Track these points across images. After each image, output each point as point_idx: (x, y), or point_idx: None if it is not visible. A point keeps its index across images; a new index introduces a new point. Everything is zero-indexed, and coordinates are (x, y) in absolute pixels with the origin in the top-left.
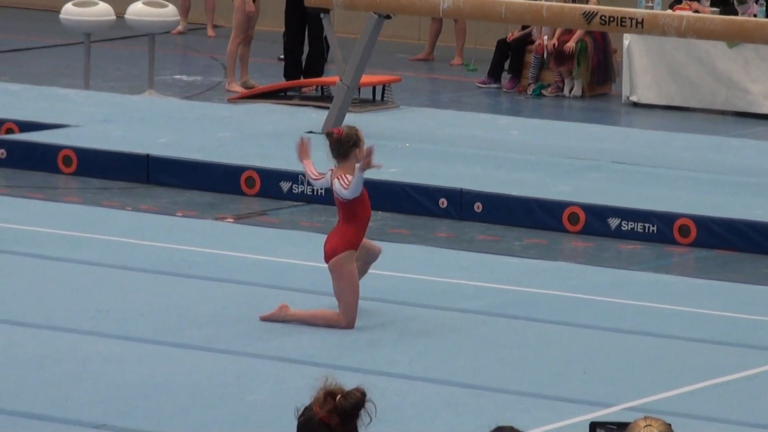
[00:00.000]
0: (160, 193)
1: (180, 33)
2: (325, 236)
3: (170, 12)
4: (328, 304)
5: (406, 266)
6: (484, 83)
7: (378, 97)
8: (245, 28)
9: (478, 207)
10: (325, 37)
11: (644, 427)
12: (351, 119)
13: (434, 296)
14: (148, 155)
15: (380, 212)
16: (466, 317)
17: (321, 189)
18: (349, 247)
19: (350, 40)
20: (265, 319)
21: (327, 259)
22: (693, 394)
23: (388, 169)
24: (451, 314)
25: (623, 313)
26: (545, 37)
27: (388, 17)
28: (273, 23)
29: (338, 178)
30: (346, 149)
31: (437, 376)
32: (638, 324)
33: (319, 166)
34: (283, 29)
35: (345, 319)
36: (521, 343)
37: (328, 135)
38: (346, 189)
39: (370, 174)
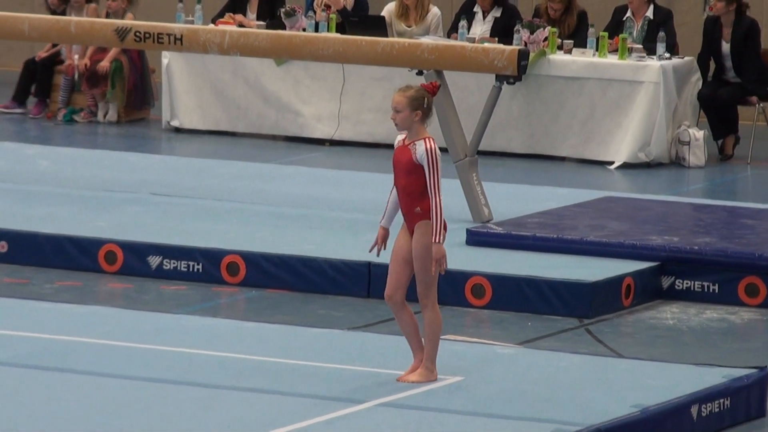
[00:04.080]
0: None
1: None
2: None
3: None
4: None
5: None
6: (8, 108)
7: None
8: None
9: (2, 247)
10: None
11: None
12: None
13: None
14: None
15: None
16: None
17: None
18: None
19: None
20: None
21: None
22: None
23: None
24: None
25: (167, 361)
26: (76, 57)
27: None
28: None
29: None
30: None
31: None
32: (183, 373)
33: None
34: None
35: None
36: (54, 397)
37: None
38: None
39: None
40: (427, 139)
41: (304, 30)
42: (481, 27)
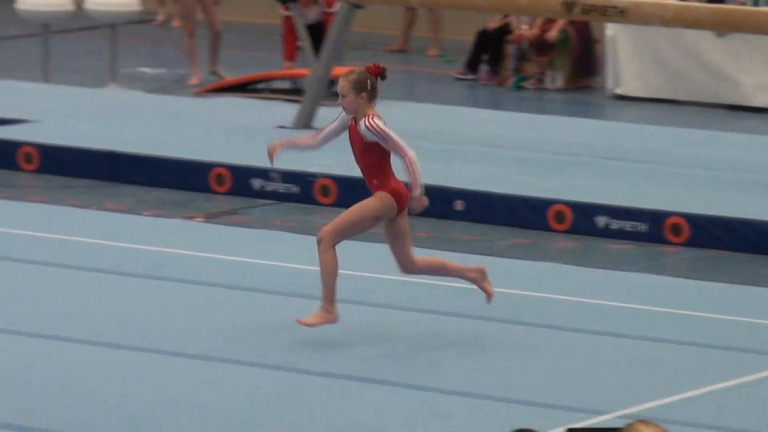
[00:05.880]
0: (125, 191)
1: (161, 23)
2: (298, 236)
3: (132, 1)
4: (303, 306)
5: (376, 267)
6: (462, 74)
7: None
8: (189, 17)
9: (460, 205)
10: None
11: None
12: (322, 113)
13: (416, 299)
14: (112, 151)
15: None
16: (451, 321)
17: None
18: None
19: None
20: None
21: None
22: (690, 401)
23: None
24: (434, 318)
25: (613, 316)
26: (525, 27)
27: (358, 6)
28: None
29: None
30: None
31: (422, 382)
32: (630, 327)
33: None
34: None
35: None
36: (508, 348)
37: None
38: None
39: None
40: (366, 117)
41: (743, 4)
42: None
